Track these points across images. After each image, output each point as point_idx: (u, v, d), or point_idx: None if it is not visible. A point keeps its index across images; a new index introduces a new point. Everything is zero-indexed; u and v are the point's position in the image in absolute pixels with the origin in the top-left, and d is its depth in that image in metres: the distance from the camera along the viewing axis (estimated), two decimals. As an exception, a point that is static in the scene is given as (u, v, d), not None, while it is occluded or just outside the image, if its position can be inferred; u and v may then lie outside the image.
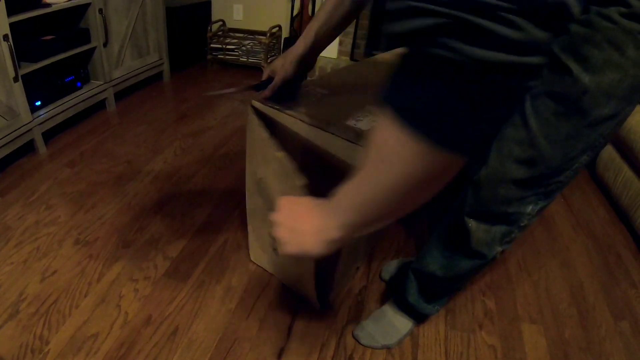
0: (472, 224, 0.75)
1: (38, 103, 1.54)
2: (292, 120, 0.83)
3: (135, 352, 0.90)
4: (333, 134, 0.79)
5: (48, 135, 1.61)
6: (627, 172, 1.72)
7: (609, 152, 1.92)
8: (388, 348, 0.99)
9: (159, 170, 1.54)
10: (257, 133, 0.89)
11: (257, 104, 0.86)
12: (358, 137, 0.77)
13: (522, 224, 0.73)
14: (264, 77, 0.87)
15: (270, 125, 0.88)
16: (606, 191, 1.89)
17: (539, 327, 1.12)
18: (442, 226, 0.86)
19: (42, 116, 1.54)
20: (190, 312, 1.00)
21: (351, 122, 0.83)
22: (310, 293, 1.02)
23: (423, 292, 0.96)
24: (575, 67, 0.53)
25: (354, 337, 0.99)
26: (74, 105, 1.68)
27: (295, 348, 0.95)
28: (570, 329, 1.13)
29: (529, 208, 0.69)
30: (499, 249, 0.78)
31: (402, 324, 1.02)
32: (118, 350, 0.90)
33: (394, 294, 1.07)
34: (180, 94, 2.26)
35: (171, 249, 1.18)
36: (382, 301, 1.12)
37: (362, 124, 0.83)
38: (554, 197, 0.69)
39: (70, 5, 1.57)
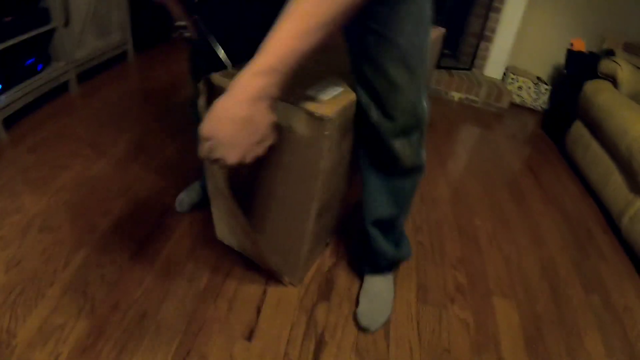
0: (397, 145, 0.82)
1: (-2, 87, 1.47)
2: None
3: (104, 339, 0.89)
4: (293, 104, 0.77)
5: (9, 121, 1.54)
6: (595, 147, 1.77)
7: (578, 128, 1.96)
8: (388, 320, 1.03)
9: (123, 152, 1.51)
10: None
11: (216, 78, 0.83)
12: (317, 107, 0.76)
13: (424, 117, 0.83)
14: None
15: None
16: (575, 167, 1.94)
17: (511, 302, 1.14)
18: (370, 170, 0.91)
19: (1, 102, 1.47)
20: (158, 296, 0.99)
21: (311, 92, 0.81)
22: (281, 268, 1.03)
23: (390, 240, 1.01)
24: None
25: (363, 329, 0.98)
26: (35, 88, 1.61)
27: (266, 328, 0.95)
28: (542, 303, 1.16)
29: (425, 106, 0.81)
30: (424, 152, 0.88)
31: (386, 287, 1.06)
32: (87, 339, 0.89)
33: (367, 264, 1.09)
34: (145, 73, 2.19)
35: (137, 232, 1.16)
36: (352, 278, 1.13)
37: (322, 94, 0.81)
38: (427, 84, 0.81)
39: (26, -17, 1.48)
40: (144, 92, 1.98)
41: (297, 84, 0.83)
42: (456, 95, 2.58)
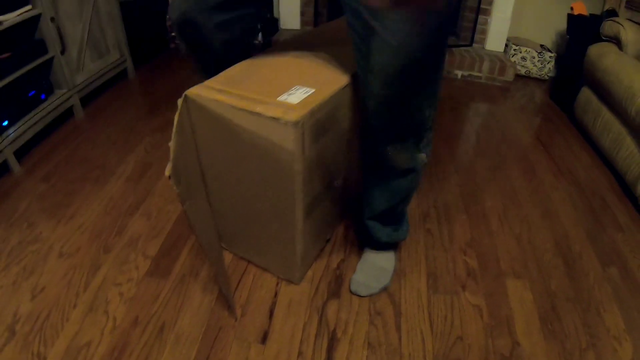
0: (389, 149, 0.82)
1: (5, 123, 1.53)
2: (224, 108, 0.82)
3: (127, 354, 0.93)
4: (260, 113, 0.78)
5: (21, 152, 1.61)
6: (605, 114, 1.71)
7: (585, 95, 1.90)
8: (386, 289, 1.06)
9: (131, 169, 1.55)
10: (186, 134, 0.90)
11: (195, 93, 0.84)
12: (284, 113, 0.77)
13: (428, 126, 0.81)
14: None
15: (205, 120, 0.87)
16: (586, 135, 1.88)
17: (524, 282, 1.13)
18: (365, 167, 0.93)
19: (10, 135, 1.53)
20: (175, 308, 1.02)
21: (283, 97, 0.82)
22: (283, 270, 1.06)
23: (389, 227, 1.04)
24: None
25: (352, 292, 1.04)
26: (42, 118, 1.66)
27: (279, 330, 0.98)
28: (557, 280, 1.14)
29: (427, 112, 0.78)
30: (422, 155, 0.86)
31: (387, 261, 1.09)
32: (111, 355, 0.93)
33: (367, 244, 1.13)
34: (147, 87, 2.23)
35: (150, 247, 1.20)
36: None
37: (293, 97, 0.82)
38: (437, 96, 0.77)
39: (21, 20, 1.53)
40: (148, 106, 2.01)
41: (265, 90, 0.84)
42: (459, 73, 2.53)
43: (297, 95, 0.82)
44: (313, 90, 0.85)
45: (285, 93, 0.83)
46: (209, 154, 0.95)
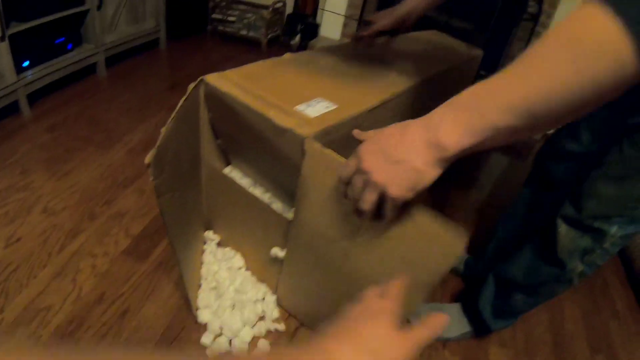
0: (562, 227, 0.77)
1: (26, 64, 1.51)
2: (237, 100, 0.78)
3: (84, 329, 0.90)
4: (271, 120, 0.73)
5: (34, 97, 1.59)
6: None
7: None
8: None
9: (137, 141, 1.52)
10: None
11: (212, 82, 0.80)
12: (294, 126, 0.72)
13: (604, 245, 0.75)
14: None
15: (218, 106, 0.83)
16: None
17: (507, 352, 1.07)
18: (535, 230, 0.87)
19: (28, 77, 1.51)
20: (143, 294, 0.98)
21: (301, 107, 0.77)
22: None
23: (496, 305, 0.96)
24: None
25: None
26: (63, 67, 1.64)
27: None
28: (542, 357, 1.08)
29: (614, 229, 0.72)
30: (580, 266, 0.79)
31: (456, 325, 1.03)
32: (68, 325, 0.90)
33: (463, 299, 1.08)
34: (175, 62, 2.21)
35: (134, 225, 1.16)
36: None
37: (311, 109, 0.77)
38: (638, 225, 0.73)
39: (65, -34, 1.52)
40: (171, 81, 1.99)
41: (286, 94, 0.80)
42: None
43: (316, 109, 0.78)
44: (335, 107, 0.80)
45: (305, 103, 0.79)
46: (227, 136, 0.91)
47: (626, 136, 0.68)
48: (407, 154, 0.46)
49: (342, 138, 0.79)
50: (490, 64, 2.67)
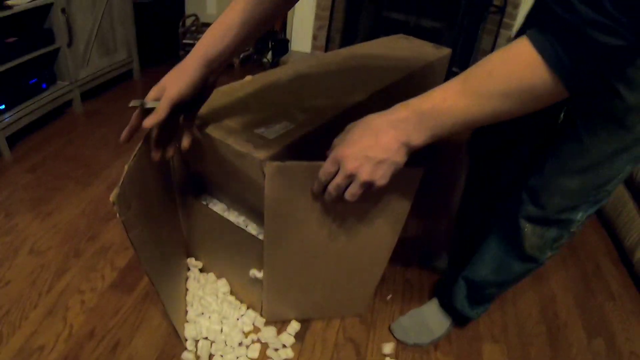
0: (527, 227, 0.80)
1: (2, 107, 1.54)
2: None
3: (77, 366, 0.93)
4: (229, 144, 0.77)
5: (13, 139, 1.61)
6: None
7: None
8: (419, 346, 1.04)
9: (116, 174, 1.55)
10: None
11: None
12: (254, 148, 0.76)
13: (572, 230, 0.79)
14: (150, 97, 0.75)
15: None
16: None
17: (501, 347, 1.07)
18: (494, 231, 0.91)
19: (6, 120, 1.54)
20: (132, 326, 1.02)
21: (260, 130, 0.81)
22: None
23: (470, 298, 1.00)
24: (622, 88, 0.60)
25: (390, 329, 1.06)
26: (39, 107, 1.67)
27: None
28: (537, 348, 1.08)
29: (579, 215, 0.76)
30: (550, 253, 0.84)
31: (438, 325, 1.05)
32: (62, 363, 0.93)
33: (438, 295, 1.10)
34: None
35: (119, 259, 1.19)
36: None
37: (269, 132, 0.81)
38: (600, 205, 0.76)
39: (32, 7, 1.54)
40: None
41: (248, 118, 0.83)
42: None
43: (275, 129, 0.81)
44: (294, 126, 0.84)
45: (264, 125, 0.83)
46: (196, 164, 0.93)
47: (583, 127, 0.68)
48: (386, 154, 0.59)
49: (302, 156, 0.84)
50: (463, 60, 2.74)
